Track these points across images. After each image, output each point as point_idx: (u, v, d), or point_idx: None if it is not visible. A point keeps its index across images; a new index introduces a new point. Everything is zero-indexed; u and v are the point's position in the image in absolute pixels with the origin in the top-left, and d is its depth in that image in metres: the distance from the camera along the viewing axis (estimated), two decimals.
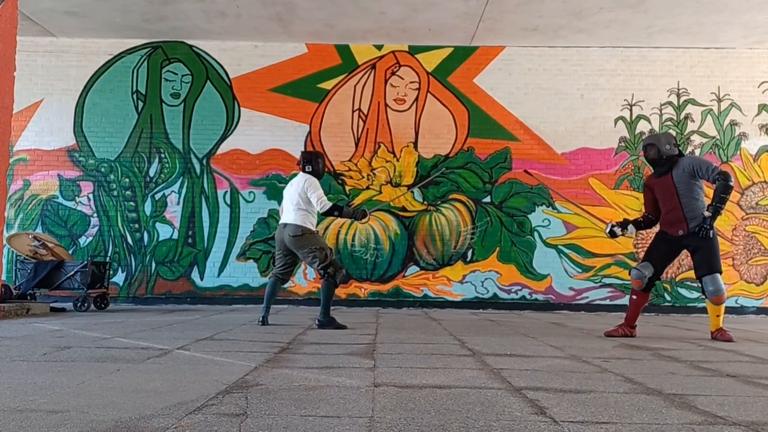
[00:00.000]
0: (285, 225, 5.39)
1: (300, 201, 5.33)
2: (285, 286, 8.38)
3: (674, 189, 4.95)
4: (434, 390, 2.50)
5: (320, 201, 5.31)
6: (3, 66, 6.11)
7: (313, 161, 5.52)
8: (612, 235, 5.38)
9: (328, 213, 5.37)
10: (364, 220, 5.17)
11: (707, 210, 4.81)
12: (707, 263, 4.83)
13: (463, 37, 8.49)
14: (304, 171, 5.50)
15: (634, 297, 5.13)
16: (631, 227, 5.33)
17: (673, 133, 4.95)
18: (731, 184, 4.78)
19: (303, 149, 8.48)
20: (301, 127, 8.68)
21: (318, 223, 5.60)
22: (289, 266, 5.60)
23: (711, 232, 4.78)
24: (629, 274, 5.48)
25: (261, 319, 5.43)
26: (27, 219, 8.54)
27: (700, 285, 4.98)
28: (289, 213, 5.38)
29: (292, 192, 5.43)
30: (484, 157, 8.61)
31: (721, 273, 4.86)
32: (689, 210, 4.88)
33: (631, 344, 4.44)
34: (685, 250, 5.10)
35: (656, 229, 5.27)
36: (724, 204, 4.81)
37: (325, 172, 5.91)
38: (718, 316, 4.88)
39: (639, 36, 8.34)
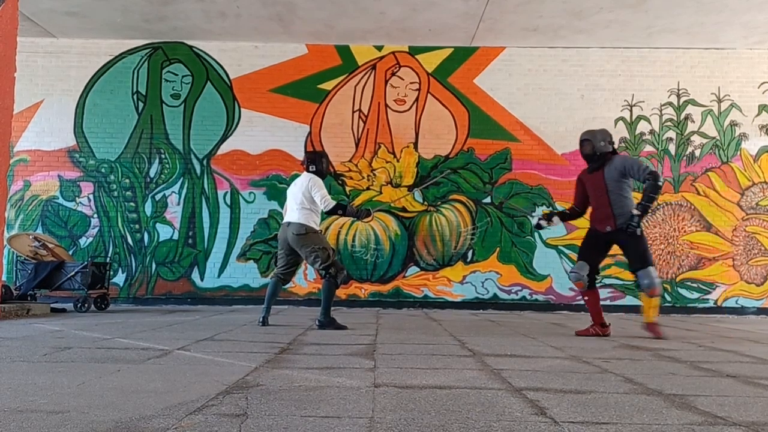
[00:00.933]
0: (288, 224, 5.40)
1: (304, 200, 5.35)
2: (285, 286, 8.43)
3: (604, 186, 5.03)
4: (434, 390, 2.50)
5: (324, 200, 5.33)
6: (3, 67, 6.12)
7: (317, 161, 5.56)
8: (538, 227, 5.54)
9: (331, 212, 5.38)
10: (367, 219, 5.26)
11: (636, 208, 4.89)
12: (640, 258, 4.94)
13: (464, 38, 8.49)
14: (308, 170, 5.53)
15: (586, 297, 5.22)
16: (556, 219, 5.44)
17: (609, 132, 5.18)
18: (660, 184, 4.89)
19: (304, 149, 8.50)
20: (301, 128, 8.68)
21: (320, 222, 5.61)
22: (291, 266, 5.59)
23: (638, 230, 4.87)
24: (569, 278, 5.62)
25: (261, 319, 5.43)
26: (27, 220, 8.54)
27: (636, 279, 5.07)
28: (293, 212, 5.40)
29: (296, 191, 5.45)
30: (484, 157, 8.61)
31: (653, 266, 4.95)
32: (618, 207, 4.97)
33: (631, 344, 4.44)
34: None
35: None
36: (652, 203, 4.93)
37: (328, 172, 5.93)
38: (652, 308, 4.98)
39: (639, 36, 8.34)
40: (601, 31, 8.20)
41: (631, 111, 8.71)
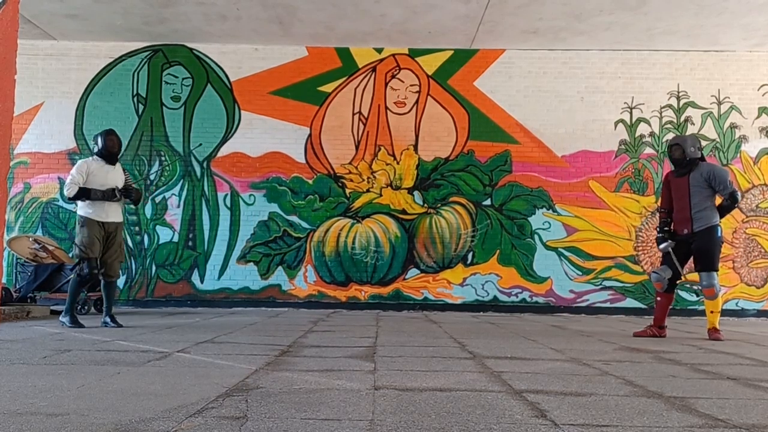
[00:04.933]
0: None
1: None
2: (285, 288, 8.44)
3: (688, 190, 5.23)
4: (434, 393, 2.50)
5: (66, 185, 5.35)
6: (4, 69, 6.12)
7: (96, 141, 5.59)
8: (665, 250, 5.40)
9: (75, 198, 5.35)
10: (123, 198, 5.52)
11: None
12: (705, 262, 5.15)
13: (464, 40, 8.50)
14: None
15: (659, 299, 5.40)
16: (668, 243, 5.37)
17: (698, 138, 5.46)
18: (737, 206, 5.16)
19: (304, 152, 8.59)
20: (301, 130, 8.69)
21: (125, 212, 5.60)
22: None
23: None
24: (650, 277, 5.74)
25: (109, 321, 5.42)
26: (27, 222, 8.54)
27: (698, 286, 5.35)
28: None
29: None
30: (484, 159, 8.61)
31: (716, 271, 5.14)
32: (696, 211, 5.17)
33: (631, 347, 4.43)
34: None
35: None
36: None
37: (112, 147, 5.60)
38: (710, 312, 5.18)
39: (639, 38, 8.34)
40: (601, 34, 8.21)
41: (631, 113, 8.71)
